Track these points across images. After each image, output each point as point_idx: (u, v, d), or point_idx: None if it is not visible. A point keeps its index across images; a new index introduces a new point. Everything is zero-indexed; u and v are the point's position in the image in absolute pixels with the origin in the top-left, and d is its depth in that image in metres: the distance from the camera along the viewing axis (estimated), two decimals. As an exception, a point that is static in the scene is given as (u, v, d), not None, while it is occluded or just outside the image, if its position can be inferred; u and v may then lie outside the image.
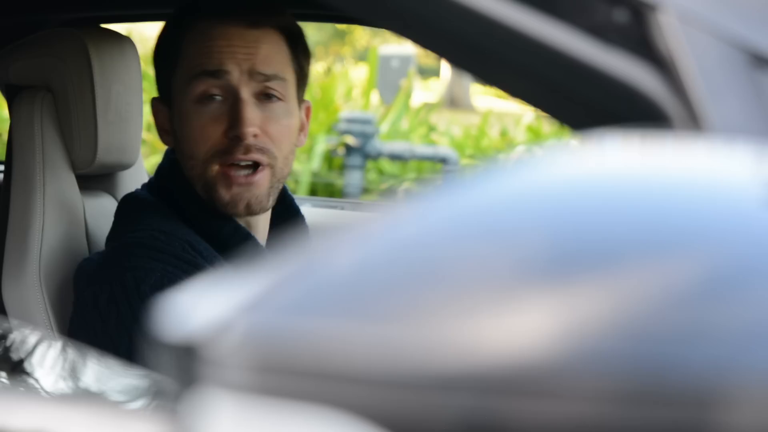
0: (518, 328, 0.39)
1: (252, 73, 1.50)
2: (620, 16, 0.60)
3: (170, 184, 1.57)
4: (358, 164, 6.89)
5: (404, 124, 8.12)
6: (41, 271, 1.61)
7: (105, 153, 1.71)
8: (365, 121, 6.90)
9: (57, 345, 1.05)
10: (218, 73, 1.50)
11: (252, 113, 1.48)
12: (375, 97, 9.10)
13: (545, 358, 0.38)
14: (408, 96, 8.32)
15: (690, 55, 0.59)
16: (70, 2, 2.02)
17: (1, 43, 1.89)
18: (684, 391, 0.38)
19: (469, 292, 0.40)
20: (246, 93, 1.49)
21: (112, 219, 1.70)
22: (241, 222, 1.54)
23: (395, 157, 7.01)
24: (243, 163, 1.49)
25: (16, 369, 0.88)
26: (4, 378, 0.87)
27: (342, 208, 2.45)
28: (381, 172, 7.33)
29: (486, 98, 20.94)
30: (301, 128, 1.58)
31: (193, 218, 1.54)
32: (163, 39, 1.60)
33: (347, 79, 9.14)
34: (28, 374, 0.89)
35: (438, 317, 0.39)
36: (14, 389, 0.83)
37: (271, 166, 1.51)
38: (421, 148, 7.22)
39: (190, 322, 0.42)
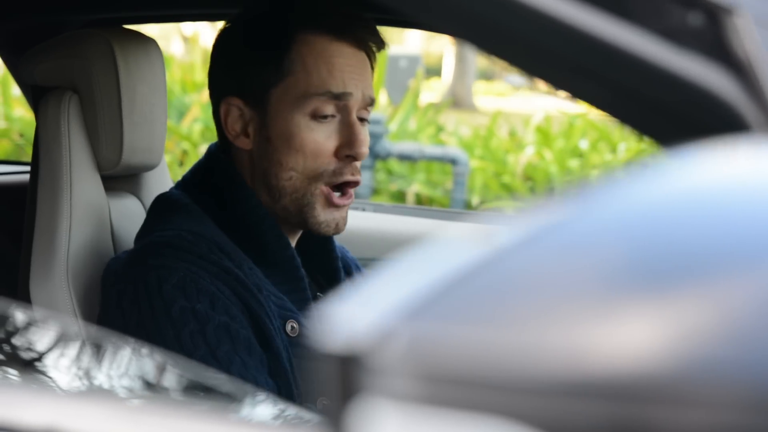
0: (643, 337, 0.39)
1: (364, 97, 1.53)
2: (695, 19, 0.60)
3: (222, 184, 1.56)
4: (367, 164, 6.88)
5: (412, 124, 8.12)
6: (69, 272, 1.61)
7: (130, 154, 1.71)
8: (374, 122, 6.89)
9: (76, 341, 1.05)
10: (342, 96, 1.51)
11: (364, 134, 1.52)
12: (383, 97, 9.10)
13: (676, 366, 0.38)
14: (416, 96, 8.32)
15: (767, 58, 0.59)
16: (93, 3, 2.02)
17: (26, 45, 1.89)
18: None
19: (602, 301, 0.40)
20: (355, 114, 1.52)
21: (136, 220, 1.70)
22: (287, 235, 1.55)
23: (404, 158, 7.00)
24: (352, 184, 1.52)
25: (33, 363, 0.88)
26: (16, 373, 0.87)
27: (363, 209, 2.45)
28: (390, 173, 7.33)
29: (488, 98, 20.97)
30: None
31: (236, 219, 1.54)
32: (258, 42, 1.55)
33: (355, 79, 9.11)
34: (44, 369, 0.88)
35: (589, 326, 0.39)
36: (27, 385, 0.83)
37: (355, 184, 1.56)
38: (431, 149, 7.21)
39: (351, 331, 0.42)
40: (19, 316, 0.95)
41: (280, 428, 0.81)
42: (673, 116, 0.61)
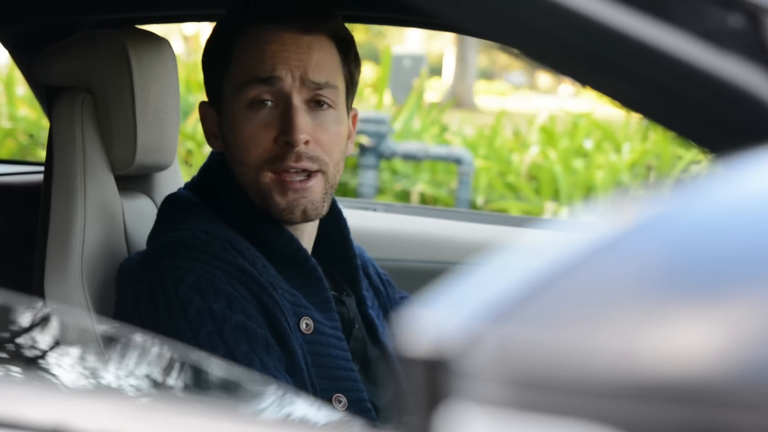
0: (718, 342, 0.39)
1: (304, 81, 1.50)
2: (735, 20, 0.60)
3: (217, 185, 1.57)
4: (372, 164, 6.88)
5: (416, 124, 8.12)
6: (83, 272, 1.61)
7: (143, 154, 1.71)
8: (379, 121, 6.89)
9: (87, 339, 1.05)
10: (270, 80, 1.50)
11: (303, 120, 1.49)
12: (387, 96, 9.10)
13: (750, 370, 0.38)
14: (420, 96, 8.32)
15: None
16: (106, 3, 2.03)
17: (37, 45, 1.90)
18: None
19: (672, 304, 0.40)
20: (297, 100, 1.50)
21: (149, 220, 1.70)
22: (289, 228, 1.55)
23: (409, 157, 7.00)
24: (294, 170, 1.49)
25: (42, 360, 0.88)
26: (25, 371, 0.87)
27: (374, 210, 2.45)
28: (394, 172, 7.33)
29: (488, 98, 20.97)
30: (349, 135, 1.59)
31: (240, 220, 1.54)
32: (213, 42, 1.59)
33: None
34: (53, 366, 0.88)
35: (668, 331, 0.39)
36: (34, 382, 0.82)
37: (323, 173, 1.52)
38: (435, 148, 7.20)
39: (439, 336, 0.41)
40: (32, 312, 0.94)
41: (298, 426, 0.80)
42: (712, 118, 0.61)
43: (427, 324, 0.43)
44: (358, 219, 2.18)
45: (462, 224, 2.40)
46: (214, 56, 1.58)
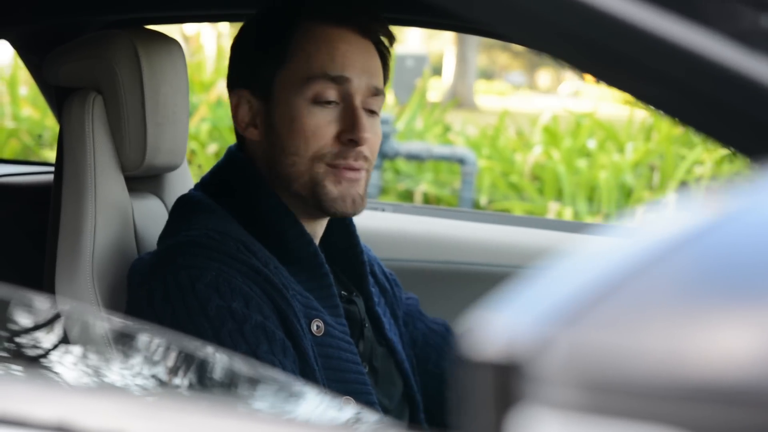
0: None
1: (368, 85, 1.54)
2: (767, 21, 0.60)
3: (237, 182, 1.57)
4: (375, 164, 6.88)
5: (419, 124, 8.13)
6: (94, 272, 1.61)
7: (153, 154, 1.71)
8: (382, 121, 6.88)
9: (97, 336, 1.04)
10: (339, 79, 1.52)
11: (366, 121, 1.53)
12: (390, 96, 9.10)
13: None
14: (423, 96, 8.32)
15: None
16: (115, 4, 2.02)
17: (46, 46, 1.89)
18: None
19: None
20: (359, 101, 1.53)
21: (159, 220, 1.70)
22: (306, 227, 1.55)
23: (412, 157, 7.00)
24: (353, 168, 1.52)
25: (45, 358, 0.88)
26: (28, 368, 0.87)
27: (383, 210, 2.45)
28: (397, 172, 7.33)
29: (488, 97, 20.99)
30: None
31: (256, 219, 1.54)
32: (265, 34, 1.59)
33: (361, 79, 9.11)
34: (56, 364, 0.88)
35: (738, 333, 0.39)
36: (38, 380, 0.82)
37: (367, 172, 1.55)
38: (439, 148, 7.21)
39: (509, 339, 0.41)
40: (41, 310, 0.94)
41: (310, 426, 0.80)
42: (745, 120, 0.60)
43: (497, 328, 0.42)
44: (366, 219, 2.18)
45: (474, 225, 2.39)
46: (265, 47, 1.58)
